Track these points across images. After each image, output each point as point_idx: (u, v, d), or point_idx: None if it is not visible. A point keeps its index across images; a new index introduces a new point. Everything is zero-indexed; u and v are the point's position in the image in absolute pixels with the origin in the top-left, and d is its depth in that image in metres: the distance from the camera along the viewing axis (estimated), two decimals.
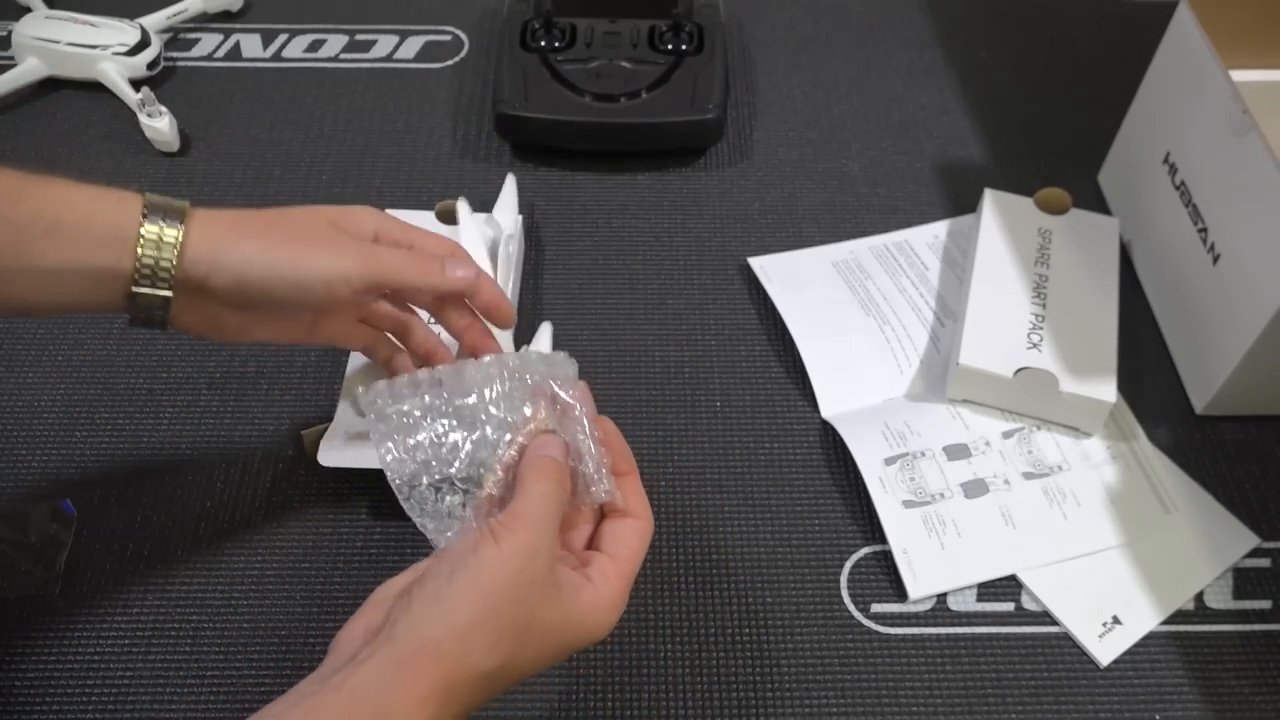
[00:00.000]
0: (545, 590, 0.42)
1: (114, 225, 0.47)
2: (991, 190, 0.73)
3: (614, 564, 0.46)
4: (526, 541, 0.42)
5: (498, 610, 0.41)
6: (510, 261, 0.68)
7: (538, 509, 0.43)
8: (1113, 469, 0.64)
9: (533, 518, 0.43)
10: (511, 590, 0.41)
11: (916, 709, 0.55)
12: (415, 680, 0.39)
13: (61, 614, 0.57)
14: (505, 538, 0.42)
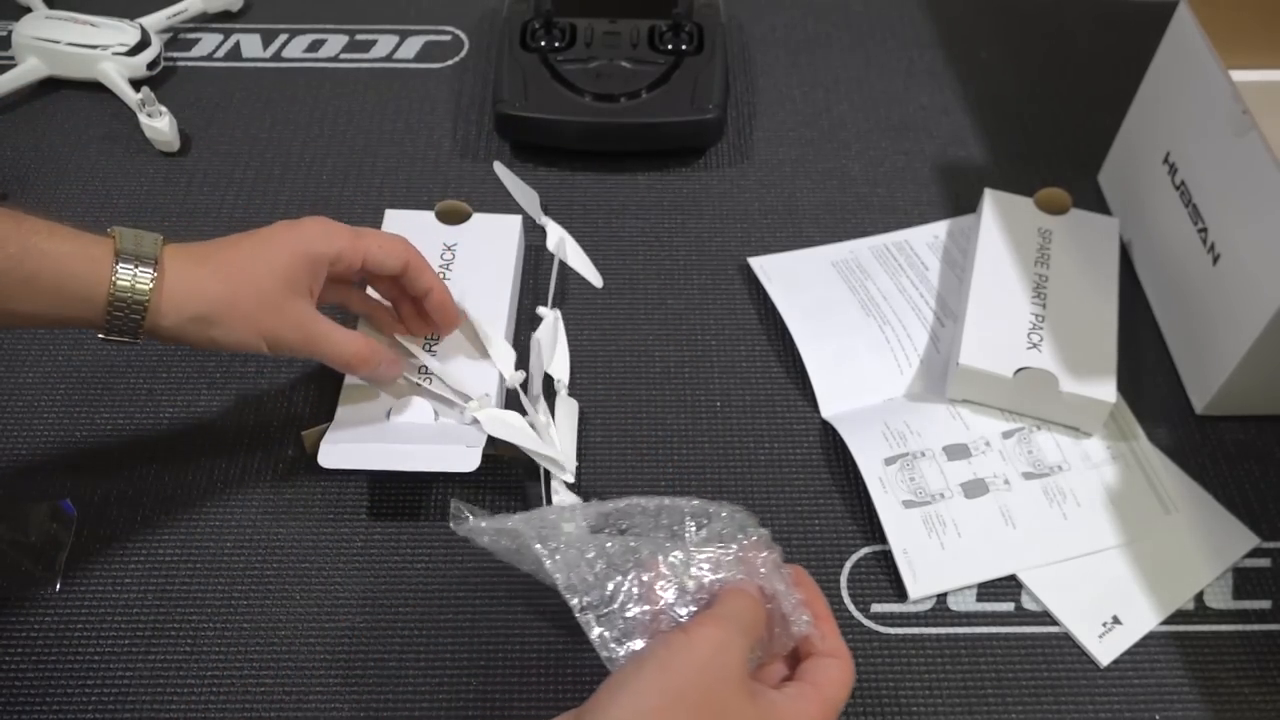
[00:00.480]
0: (739, 686, 0.41)
1: (87, 284, 0.51)
2: (991, 190, 0.73)
3: (815, 690, 0.44)
4: (717, 635, 0.42)
5: (686, 698, 0.40)
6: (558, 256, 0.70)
7: (731, 612, 0.43)
8: (1113, 469, 0.64)
9: (725, 618, 0.43)
10: (700, 678, 0.40)
11: (916, 709, 0.55)
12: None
13: (61, 614, 0.57)
14: (695, 630, 0.42)
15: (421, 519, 0.61)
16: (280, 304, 0.54)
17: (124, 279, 0.51)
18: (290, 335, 0.55)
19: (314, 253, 0.56)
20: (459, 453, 0.58)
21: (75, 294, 0.51)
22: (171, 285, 0.52)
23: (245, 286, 0.53)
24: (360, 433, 0.60)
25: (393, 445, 0.59)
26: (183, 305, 0.52)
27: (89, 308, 0.51)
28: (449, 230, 0.70)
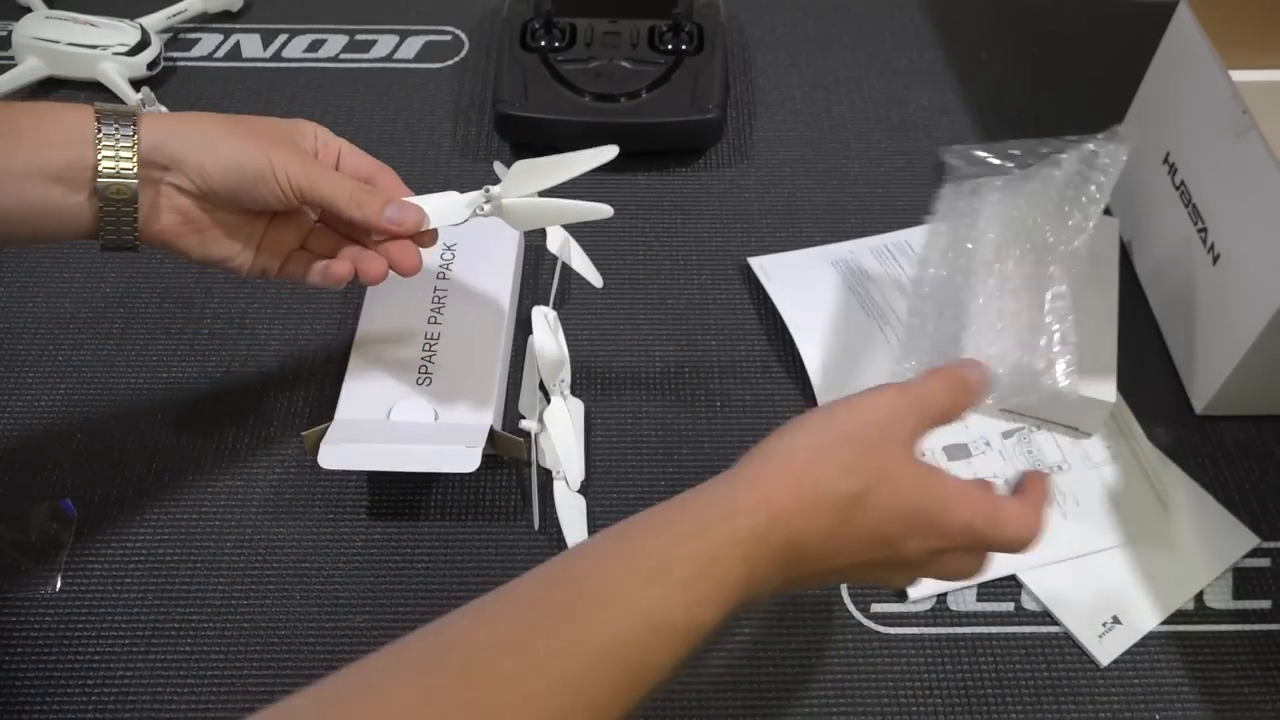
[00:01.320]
0: (904, 448, 0.42)
1: (72, 124, 0.48)
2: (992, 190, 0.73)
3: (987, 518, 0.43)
4: (896, 401, 0.43)
5: (855, 438, 0.41)
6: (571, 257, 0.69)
7: (921, 390, 0.44)
8: (1112, 469, 0.64)
9: (911, 392, 0.44)
10: (872, 427, 0.42)
11: (916, 709, 0.55)
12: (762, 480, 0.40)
13: (61, 614, 0.57)
14: (875, 393, 0.43)
15: (421, 519, 0.61)
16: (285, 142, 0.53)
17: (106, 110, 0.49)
18: (293, 162, 0.52)
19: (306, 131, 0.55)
20: (459, 453, 0.58)
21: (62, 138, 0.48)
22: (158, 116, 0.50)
23: (250, 122, 0.53)
24: (360, 433, 0.60)
25: (392, 445, 0.59)
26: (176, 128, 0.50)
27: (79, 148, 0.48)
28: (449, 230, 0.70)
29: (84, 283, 0.71)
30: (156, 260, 0.73)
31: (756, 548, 0.39)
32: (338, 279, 0.55)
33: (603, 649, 0.37)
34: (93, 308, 0.70)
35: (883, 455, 0.41)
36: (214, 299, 0.71)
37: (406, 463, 0.58)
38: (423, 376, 0.63)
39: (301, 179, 0.52)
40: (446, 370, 0.63)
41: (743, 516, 0.39)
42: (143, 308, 0.70)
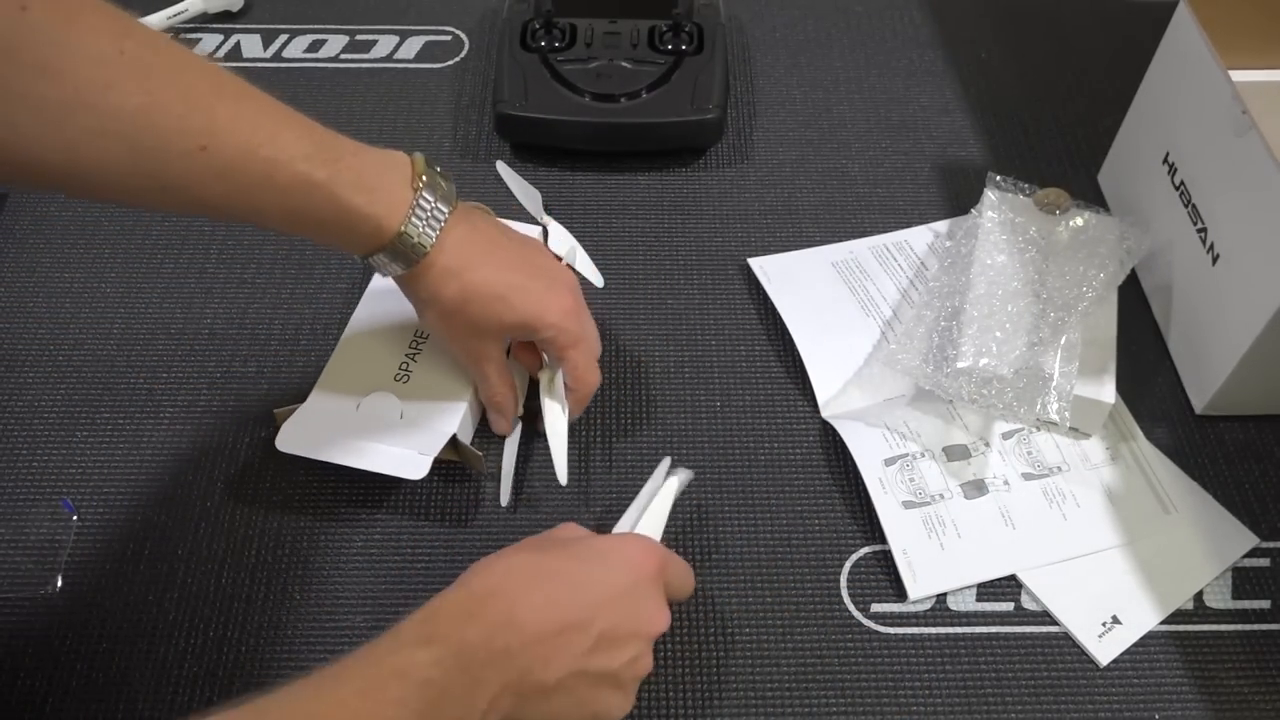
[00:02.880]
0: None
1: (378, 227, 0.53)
2: (992, 190, 0.73)
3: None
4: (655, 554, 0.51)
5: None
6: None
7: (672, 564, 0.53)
8: (1112, 469, 0.64)
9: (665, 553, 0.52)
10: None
11: (916, 709, 0.55)
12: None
13: (61, 614, 0.57)
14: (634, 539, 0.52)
15: (422, 519, 0.61)
16: (480, 341, 0.59)
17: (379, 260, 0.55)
18: (467, 360, 0.60)
19: (543, 336, 0.58)
20: (410, 459, 0.58)
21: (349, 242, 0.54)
22: (427, 277, 0.55)
23: (466, 318, 0.57)
24: (325, 421, 0.60)
25: (350, 440, 0.59)
26: (418, 287, 0.56)
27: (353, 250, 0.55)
28: None
29: (84, 283, 0.71)
30: (156, 260, 0.73)
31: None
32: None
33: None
34: (93, 308, 0.70)
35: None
36: (214, 299, 0.71)
37: (359, 460, 0.58)
38: (402, 374, 0.63)
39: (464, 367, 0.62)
40: (426, 371, 0.63)
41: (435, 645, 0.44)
42: (143, 308, 0.70)
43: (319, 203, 0.50)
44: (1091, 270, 0.67)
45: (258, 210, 0.50)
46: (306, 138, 0.50)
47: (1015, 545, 0.60)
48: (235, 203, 0.49)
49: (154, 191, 0.48)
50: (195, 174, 0.47)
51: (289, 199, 0.50)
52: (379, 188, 0.52)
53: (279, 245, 0.74)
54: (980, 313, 0.66)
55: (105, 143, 0.44)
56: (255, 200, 0.49)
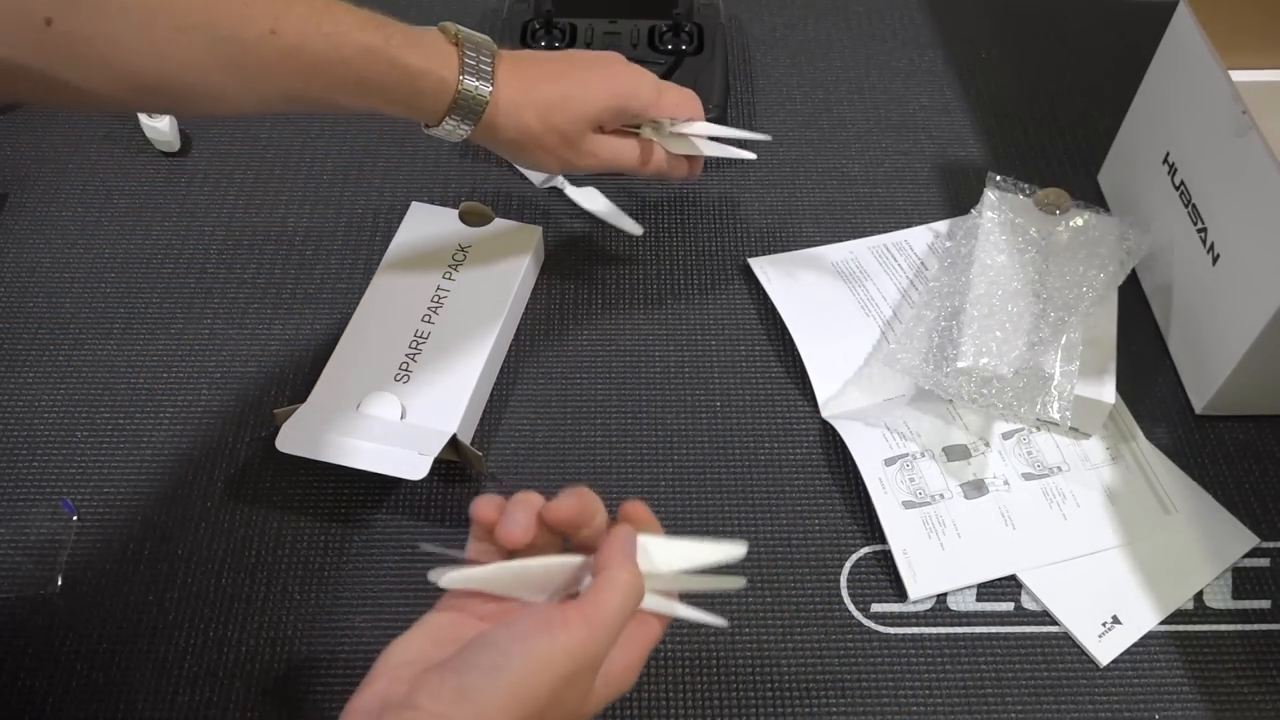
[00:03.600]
0: (585, 691, 0.40)
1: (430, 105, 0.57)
2: (992, 190, 0.73)
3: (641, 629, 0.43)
4: (585, 650, 0.38)
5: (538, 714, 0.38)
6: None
7: (611, 615, 0.40)
8: (1112, 470, 0.64)
9: (601, 623, 0.39)
10: (552, 702, 0.38)
11: (916, 709, 0.55)
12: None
13: (61, 614, 0.57)
14: (563, 639, 0.38)
15: (422, 519, 0.61)
16: (579, 141, 0.61)
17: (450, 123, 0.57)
18: (582, 163, 0.62)
19: (623, 106, 0.62)
20: (410, 459, 0.58)
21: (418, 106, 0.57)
22: (496, 117, 0.58)
23: (556, 129, 0.60)
24: (325, 422, 0.60)
25: (349, 440, 0.59)
26: (501, 131, 0.59)
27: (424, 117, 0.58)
28: (467, 231, 0.70)
29: (84, 283, 0.71)
30: (157, 260, 0.73)
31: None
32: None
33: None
34: (93, 308, 0.70)
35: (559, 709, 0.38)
36: (214, 299, 0.71)
37: (360, 460, 0.58)
38: (401, 374, 0.63)
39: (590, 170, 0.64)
40: (426, 371, 0.63)
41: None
42: (143, 308, 0.70)
43: (383, 67, 0.54)
44: (1091, 270, 0.67)
45: (331, 86, 0.53)
46: (353, 12, 0.53)
47: (1015, 545, 0.60)
48: (311, 83, 0.52)
49: (241, 84, 0.50)
50: (272, 58, 0.50)
51: (355, 69, 0.53)
52: (427, 44, 0.56)
53: (279, 245, 0.74)
54: (980, 312, 0.66)
55: (189, 38, 0.47)
56: (327, 75, 0.52)
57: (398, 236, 0.70)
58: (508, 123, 0.59)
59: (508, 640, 0.38)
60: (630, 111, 0.63)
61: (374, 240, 0.74)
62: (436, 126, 0.58)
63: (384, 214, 0.76)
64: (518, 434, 0.65)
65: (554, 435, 0.65)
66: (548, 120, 0.60)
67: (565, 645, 0.38)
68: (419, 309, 0.66)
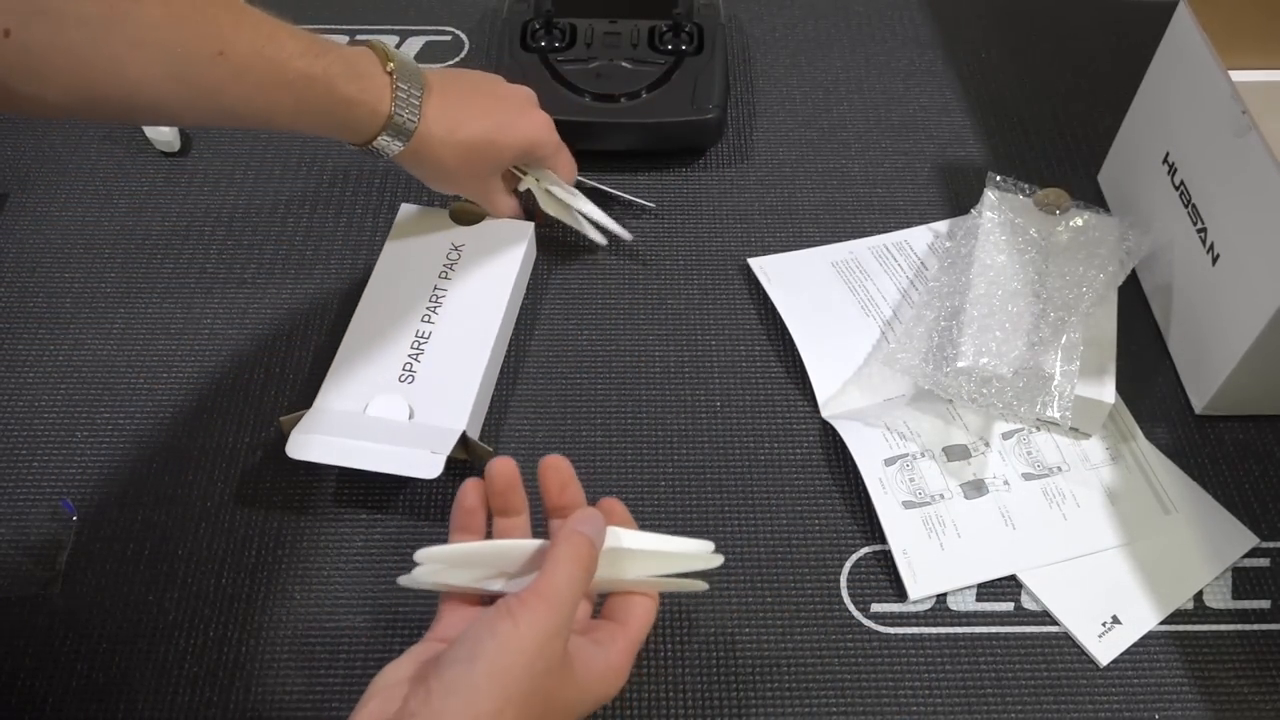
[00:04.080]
0: (562, 672, 0.42)
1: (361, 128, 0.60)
2: (992, 190, 0.73)
3: (622, 631, 0.46)
4: (546, 623, 0.41)
5: (519, 702, 0.40)
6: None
7: (561, 589, 0.42)
8: (1112, 470, 0.64)
9: (555, 597, 0.42)
10: (530, 678, 0.40)
11: (916, 709, 0.55)
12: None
13: (61, 614, 0.57)
14: (524, 618, 0.41)
15: (422, 519, 0.61)
16: (485, 180, 0.68)
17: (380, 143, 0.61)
18: (478, 197, 0.69)
19: (533, 152, 0.68)
20: (423, 459, 0.58)
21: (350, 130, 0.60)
22: (419, 149, 0.62)
23: (470, 168, 0.66)
24: (333, 425, 0.60)
25: (361, 442, 0.59)
26: (422, 162, 0.63)
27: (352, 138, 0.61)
28: (460, 231, 0.70)
29: (84, 283, 0.71)
30: (157, 260, 0.73)
31: None
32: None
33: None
34: (93, 308, 0.70)
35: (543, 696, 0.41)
36: (214, 299, 0.71)
37: (372, 462, 0.58)
38: (406, 374, 0.63)
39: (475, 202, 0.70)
40: (430, 371, 0.63)
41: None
42: (143, 308, 0.70)
43: (320, 94, 0.56)
44: (1091, 270, 0.67)
45: (272, 107, 0.55)
46: (296, 37, 0.55)
47: (1015, 545, 0.60)
48: (254, 103, 0.54)
49: (189, 100, 0.52)
50: (220, 78, 0.52)
51: (295, 94, 0.55)
52: (365, 75, 0.58)
53: (279, 245, 0.74)
54: (980, 312, 0.66)
55: (143, 54, 0.49)
56: (268, 98, 0.55)
57: (390, 238, 0.70)
58: (428, 156, 0.63)
59: (476, 632, 0.41)
60: (536, 157, 0.68)
61: (374, 240, 0.74)
62: (362, 147, 0.61)
63: (384, 214, 0.76)
64: (518, 434, 0.65)
65: (554, 435, 0.65)
66: (466, 162, 0.65)
67: (528, 622, 0.41)
68: (418, 309, 0.66)
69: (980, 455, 0.63)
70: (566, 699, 0.42)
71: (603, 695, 0.44)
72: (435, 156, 0.63)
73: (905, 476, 0.62)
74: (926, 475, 0.62)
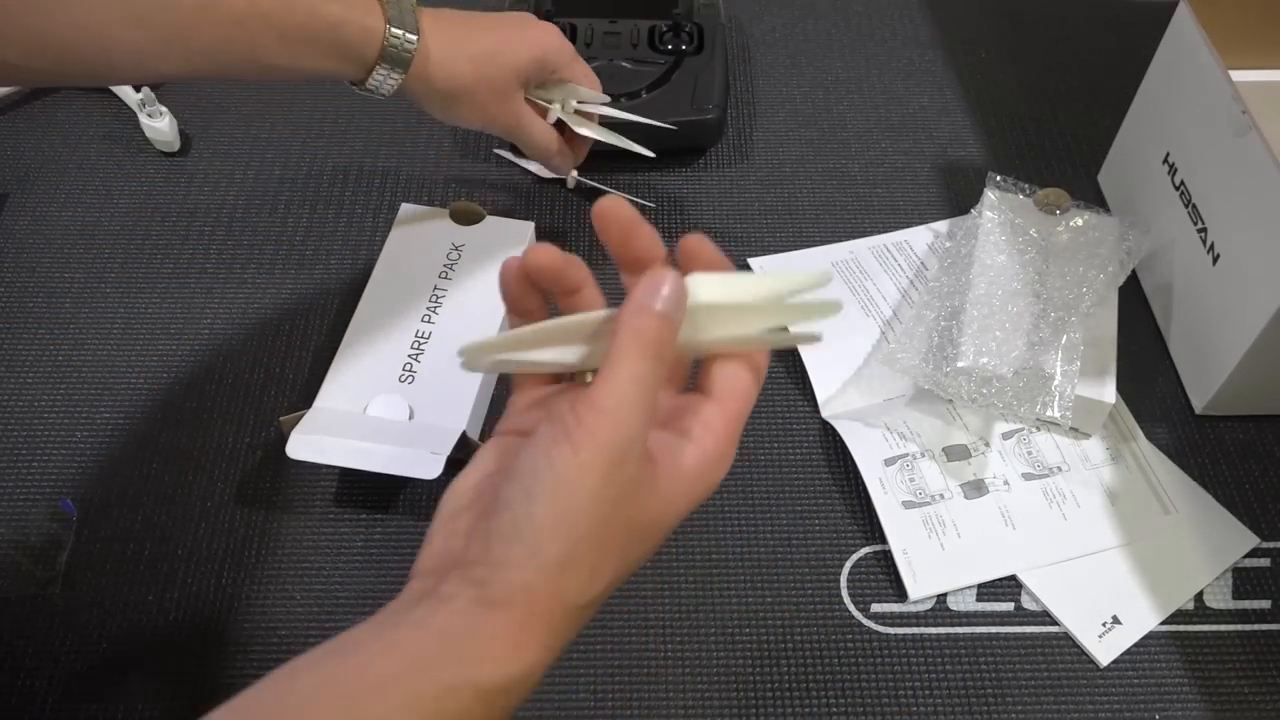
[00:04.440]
0: (641, 490, 0.35)
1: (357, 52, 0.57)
2: (992, 190, 0.73)
3: (719, 408, 0.38)
4: (611, 442, 0.33)
5: (590, 538, 0.34)
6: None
7: (624, 398, 0.34)
8: (1112, 470, 0.64)
9: (618, 409, 0.34)
10: (599, 509, 0.34)
11: (916, 709, 0.55)
12: (509, 624, 0.34)
13: (61, 614, 0.57)
14: (584, 441, 0.33)
15: (422, 518, 0.61)
16: (507, 97, 0.64)
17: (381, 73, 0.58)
18: (506, 122, 0.65)
19: (548, 59, 0.64)
20: (423, 459, 0.58)
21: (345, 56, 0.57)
22: (427, 67, 0.59)
23: (487, 80, 0.62)
24: (333, 425, 0.60)
25: (361, 443, 0.59)
26: (433, 81, 0.60)
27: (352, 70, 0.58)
28: (459, 230, 0.70)
29: (84, 283, 0.71)
30: (157, 260, 0.73)
31: (507, 697, 0.34)
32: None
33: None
34: (93, 308, 0.70)
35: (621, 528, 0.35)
36: (214, 299, 0.71)
37: (372, 462, 0.58)
38: (406, 374, 0.63)
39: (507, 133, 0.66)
40: (430, 371, 0.63)
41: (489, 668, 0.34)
42: (143, 308, 0.70)
43: (302, 17, 0.53)
44: (1091, 270, 0.67)
45: (253, 43, 0.53)
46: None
47: (1015, 545, 0.60)
48: (232, 40, 0.52)
49: (159, 45, 0.50)
50: (188, 15, 0.50)
51: (274, 22, 0.53)
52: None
53: (279, 245, 0.74)
54: (980, 313, 0.66)
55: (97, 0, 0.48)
56: (246, 30, 0.52)
57: (390, 238, 0.70)
58: (439, 72, 0.59)
59: (530, 462, 0.34)
60: (552, 66, 0.65)
61: (374, 240, 0.74)
62: (365, 80, 0.58)
63: (384, 214, 0.76)
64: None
65: None
66: (481, 71, 0.61)
67: (589, 446, 0.33)
68: (418, 309, 0.66)
69: (980, 455, 0.63)
70: (652, 517, 0.36)
71: (702, 494, 0.38)
72: (446, 74, 0.60)
73: (905, 476, 0.62)
74: (926, 475, 0.62)
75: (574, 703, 0.55)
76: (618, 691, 0.55)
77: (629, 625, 0.58)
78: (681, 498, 0.37)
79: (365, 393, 0.62)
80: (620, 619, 0.58)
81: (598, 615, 0.58)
